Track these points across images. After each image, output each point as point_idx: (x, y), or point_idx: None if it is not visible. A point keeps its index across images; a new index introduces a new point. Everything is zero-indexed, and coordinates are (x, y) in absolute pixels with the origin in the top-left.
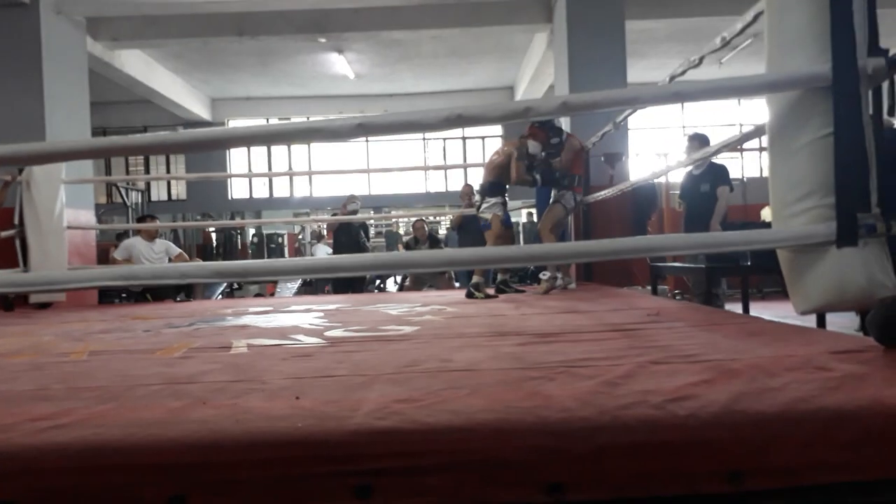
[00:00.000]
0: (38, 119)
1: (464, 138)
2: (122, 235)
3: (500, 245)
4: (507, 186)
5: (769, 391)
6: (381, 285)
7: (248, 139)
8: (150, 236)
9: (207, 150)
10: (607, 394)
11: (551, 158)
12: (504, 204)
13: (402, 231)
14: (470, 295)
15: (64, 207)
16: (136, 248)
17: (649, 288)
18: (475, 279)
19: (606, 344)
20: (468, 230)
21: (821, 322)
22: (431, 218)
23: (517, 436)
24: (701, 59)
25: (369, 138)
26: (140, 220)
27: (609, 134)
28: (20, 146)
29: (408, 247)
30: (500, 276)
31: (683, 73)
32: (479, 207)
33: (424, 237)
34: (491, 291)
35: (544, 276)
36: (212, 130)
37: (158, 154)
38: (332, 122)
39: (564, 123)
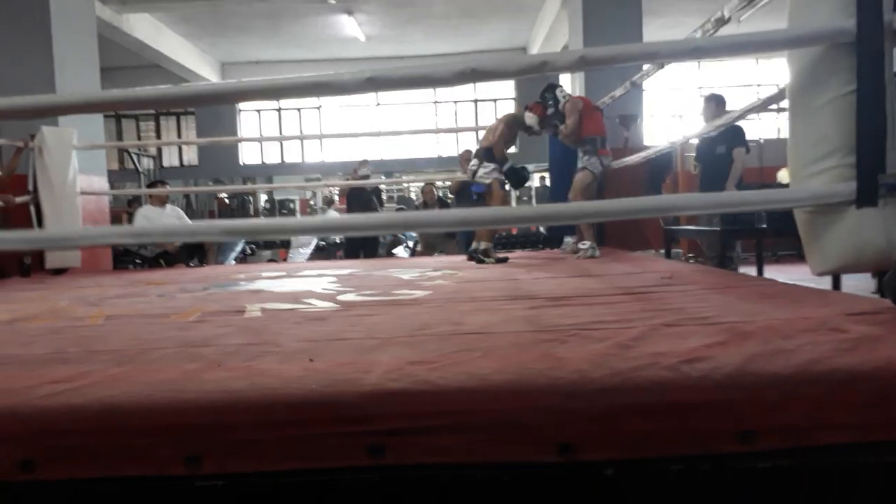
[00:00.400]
0: (49, 84)
1: (475, 101)
2: (133, 201)
3: None
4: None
5: (783, 352)
6: (392, 252)
7: (255, 93)
8: (161, 202)
9: (215, 103)
10: (619, 356)
11: (556, 126)
12: (500, 170)
13: (413, 196)
14: (479, 261)
15: (77, 173)
16: (149, 216)
17: (663, 251)
18: (483, 245)
19: (619, 307)
20: (467, 196)
21: (836, 284)
22: (440, 183)
23: (529, 397)
24: (729, 18)
25: (380, 102)
26: (150, 185)
27: (623, 95)
28: (28, 98)
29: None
30: (483, 244)
31: (715, 31)
32: (475, 172)
33: (434, 200)
34: (501, 255)
35: (584, 244)
36: (219, 84)
37: (167, 108)
38: (342, 75)
39: (579, 84)
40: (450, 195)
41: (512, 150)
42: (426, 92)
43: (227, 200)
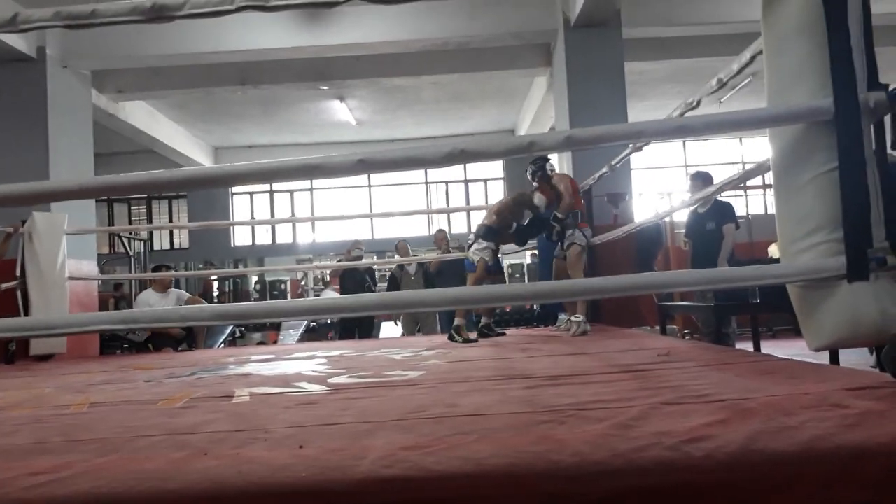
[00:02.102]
0: (43, 171)
1: (466, 181)
2: (120, 285)
3: None
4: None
5: (787, 430)
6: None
7: (247, 176)
8: (163, 287)
9: (207, 187)
10: (620, 436)
11: (556, 216)
12: (495, 252)
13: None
14: (451, 338)
15: (66, 258)
16: (150, 303)
17: (658, 328)
18: (456, 321)
19: (617, 385)
20: (445, 275)
21: (834, 359)
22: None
23: (528, 481)
24: (699, 102)
25: (372, 183)
26: (155, 269)
27: (611, 174)
28: (21, 185)
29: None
30: (483, 320)
31: (682, 115)
32: (469, 246)
33: (446, 247)
34: (473, 335)
35: (577, 318)
36: (211, 168)
37: (158, 192)
38: (333, 158)
39: (567, 165)
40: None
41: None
42: (418, 173)
43: (213, 283)
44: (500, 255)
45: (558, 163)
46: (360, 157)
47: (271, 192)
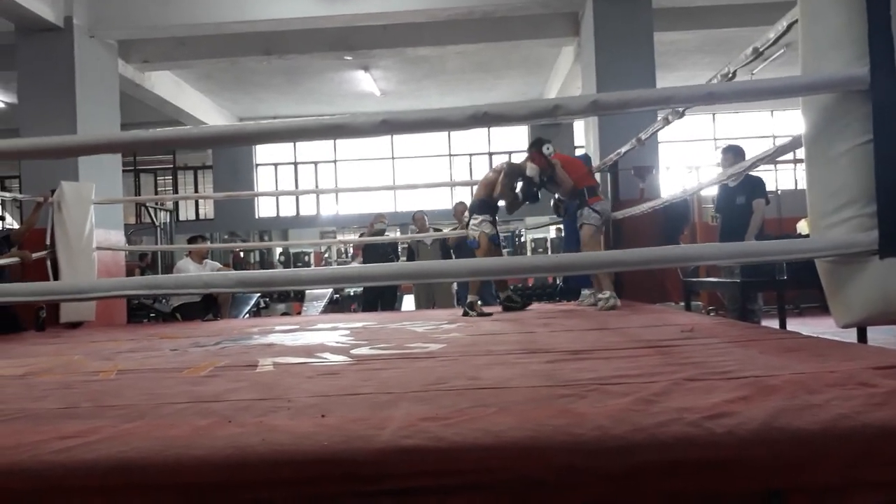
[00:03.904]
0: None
1: (490, 153)
2: (145, 255)
3: None
4: (498, 205)
5: (810, 408)
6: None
7: (272, 135)
8: (200, 257)
9: (232, 144)
10: (642, 411)
11: (551, 182)
12: (493, 222)
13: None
14: (465, 314)
15: (93, 228)
16: (188, 270)
17: (683, 304)
18: (470, 298)
19: (639, 361)
20: (464, 248)
21: (861, 337)
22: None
23: (548, 454)
24: (734, 74)
25: (395, 155)
26: (191, 240)
27: (639, 147)
28: (47, 139)
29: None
30: (502, 294)
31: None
32: (467, 224)
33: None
34: (487, 310)
35: (604, 294)
36: (239, 125)
37: (183, 148)
38: (357, 117)
39: (593, 138)
40: (449, 247)
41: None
42: (441, 145)
43: (241, 254)
44: (497, 230)
45: (585, 134)
46: (384, 118)
47: (295, 164)
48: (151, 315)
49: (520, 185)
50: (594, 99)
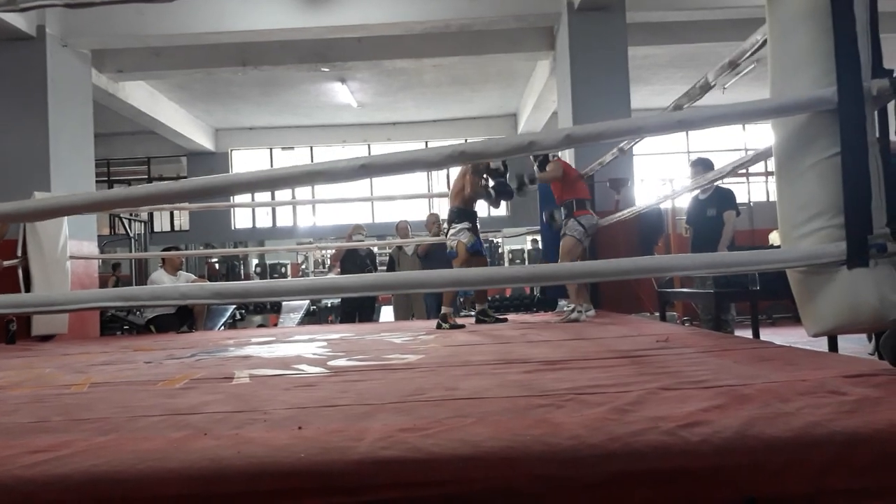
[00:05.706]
0: (43, 150)
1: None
2: (117, 266)
3: None
4: (476, 211)
5: (783, 416)
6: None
7: (250, 185)
8: (174, 268)
9: (209, 196)
10: (617, 420)
11: (539, 169)
12: (472, 229)
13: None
14: (438, 326)
15: (67, 238)
16: (162, 282)
17: (658, 314)
18: (443, 310)
19: (615, 371)
20: (434, 258)
21: (832, 346)
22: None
23: (525, 464)
24: (712, 85)
25: None
26: (166, 250)
27: (612, 161)
28: (23, 203)
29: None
30: (478, 306)
31: (697, 98)
32: (446, 233)
33: (437, 230)
34: (461, 322)
35: (570, 306)
36: (213, 178)
37: (160, 204)
38: (335, 163)
39: (569, 150)
40: (418, 256)
41: (502, 211)
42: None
43: (216, 266)
44: (479, 238)
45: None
46: (363, 163)
47: (271, 191)
48: (125, 327)
49: (492, 183)
50: (567, 133)
